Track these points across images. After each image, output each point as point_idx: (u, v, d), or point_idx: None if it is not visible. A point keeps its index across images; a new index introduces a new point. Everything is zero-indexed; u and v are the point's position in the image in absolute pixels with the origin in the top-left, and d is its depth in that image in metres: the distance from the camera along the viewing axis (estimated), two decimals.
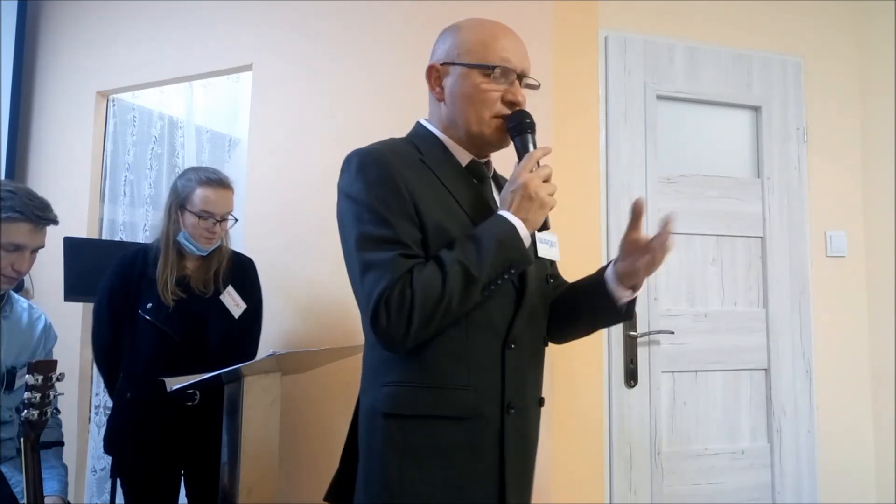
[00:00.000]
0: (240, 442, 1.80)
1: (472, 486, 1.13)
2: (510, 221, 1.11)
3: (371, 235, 1.09)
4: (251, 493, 1.80)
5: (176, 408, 2.00)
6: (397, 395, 1.13)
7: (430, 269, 1.07)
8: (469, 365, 1.14)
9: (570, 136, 2.14)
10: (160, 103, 3.26)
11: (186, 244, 2.09)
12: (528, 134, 1.19)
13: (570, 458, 2.04)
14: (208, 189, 2.07)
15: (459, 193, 1.19)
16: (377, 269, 1.06)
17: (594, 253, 2.18)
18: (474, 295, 1.08)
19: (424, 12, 2.32)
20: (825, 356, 2.40)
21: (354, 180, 1.13)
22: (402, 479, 1.11)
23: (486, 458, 1.15)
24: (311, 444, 2.38)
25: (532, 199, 1.12)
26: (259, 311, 2.25)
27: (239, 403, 1.82)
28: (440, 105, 1.25)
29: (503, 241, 1.09)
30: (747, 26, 2.45)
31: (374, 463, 1.14)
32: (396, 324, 1.04)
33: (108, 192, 3.14)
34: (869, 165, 2.54)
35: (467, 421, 1.13)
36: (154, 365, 2.00)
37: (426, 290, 1.04)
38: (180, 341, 2.04)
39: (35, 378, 1.42)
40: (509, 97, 1.20)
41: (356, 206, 1.11)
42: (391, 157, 1.14)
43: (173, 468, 2.10)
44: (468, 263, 1.07)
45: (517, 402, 1.18)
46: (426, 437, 1.12)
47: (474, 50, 1.21)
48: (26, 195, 1.57)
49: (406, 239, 1.09)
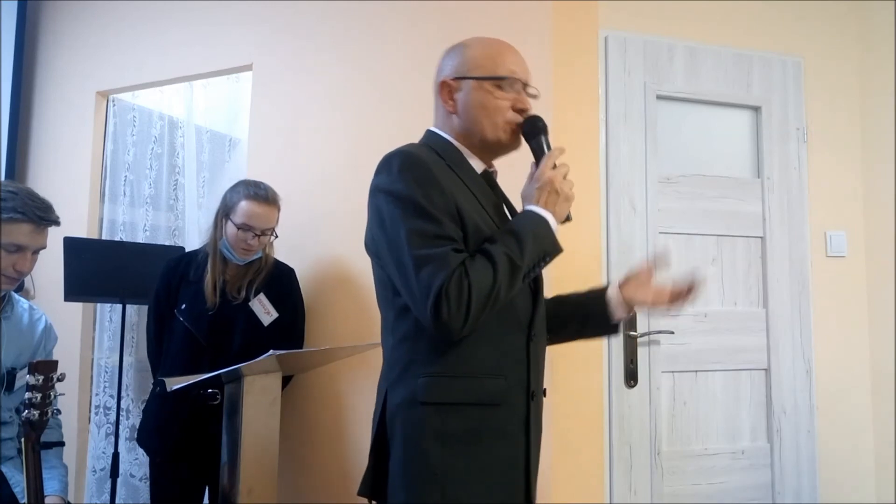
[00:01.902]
0: (240, 442, 1.80)
1: (504, 469, 1.22)
2: (541, 215, 1.23)
3: (422, 231, 1.15)
4: (251, 493, 1.80)
5: (199, 407, 2.03)
6: (437, 385, 1.19)
7: (480, 262, 1.15)
8: (500, 356, 1.23)
9: (570, 136, 2.14)
10: (160, 103, 3.25)
11: (226, 252, 2.17)
12: (542, 136, 1.30)
13: (570, 458, 2.04)
14: (253, 203, 2.14)
15: (482, 197, 1.28)
16: (433, 264, 1.12)
17: (594, 253, 2.18)
18: (518, 283, 1.18)
19: (424, 12, 2.32)
20: (825, 356, 2.40)
21: (398, 179, 1.18)
22: (442, 463, 1.17)
23: (516, 442, 1.24)
24: (311, 444, 2.38)
25: (558, 194, 1.25)
26: (296, 321, 2.28)
27: (239, 403, 1.82)
28: (452, 117, 1.33)
29: (538, 233, 1.21)
30: (747, 26, 2.45)
31: (413, 451, 1.19)
32: (457, 313, 1.11)
33: (108, 192, 3.14)
34: (869, 165, 2.54)
35: (500, 407, 1.22)
36: (180, 364, 2.10)
37: (482, 281, 1.12)
38: (205, 344, 2.11)
39: (36, 378, 1.42)
40: (519, 105, 1.31)
41: (403, 204, 1.17)
42: (428, 159, 1.22)
43: (199, 473, 2.12)
44: (512, 254, 1.16)
45: (537, 390, 1.29)
46: (463, 423, 1.19)
47: (484, 64, 1.31)
48: (28, 196, 1.57)
49: (455, 235, 1.17)
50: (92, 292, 2.67)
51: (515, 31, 2.17)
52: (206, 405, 2.02)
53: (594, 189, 2.20)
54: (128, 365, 2.93)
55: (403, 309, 1.21)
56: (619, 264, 2.21)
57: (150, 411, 2.25)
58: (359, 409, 2.28)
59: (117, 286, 2.61)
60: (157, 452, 2.19)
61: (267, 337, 2.14)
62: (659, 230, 2.28)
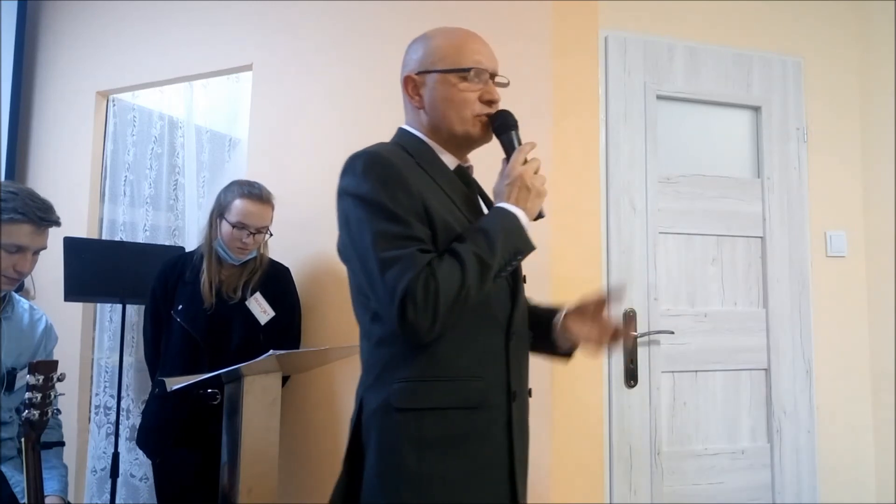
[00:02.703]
0: (240, 442, 1.80)
1: (486, 472, 1.18)
2: (512, 212, 1.18)
3: (387, 233, 1.11)
4: (251, 493, 1.80)
5: (199, 407, 2.04)
6: (411, 390, 1.16)
7: (448, 262, 1.11)
8: (477, 357, 1.19)
9: (570, 136, 2.14)
10: (160, 103, 3.25)
11: (221, 252, 2.17)
12: (512, 131, 1.26)
13: (570, 458, 2.04)
14: (247, 201, 2.14)
15: (454, 194, 1.24)
16: (399, 265, 1.09)
17: (594, 253, 2.18)
18: (488, 282, 1.14)
19: (424, 13, 2.32)
20: (825, 356, 2.40)
21: (362, 181, 1.15)
22: (420, 470, 1.14)
23: (498, 444, 1.20)
24: (311, 444, 2.38)
25: (529, 190, 1.20)
26: (293, 320, 2.28)
27: (239, 403, 1.82)
28: (420, 113, 1.30)
29: (509, 230, 1.16)
30: (747, 26, 2.45)
31: (390, 459, 1.15)
32: (424, 315, 1.08)
33: (108, 192, 3.14)
34: (869, 165, 2.54)
35: (479, 410, 1.18)
36: (179, 364, 2.11)
37: (448, 280, 1.09)
38: (202, 344, 2.12)
39: (36, 378, 1.43)
40: (487, 96, 1.27)
41: (368, 206, 1.14)
42: (395, 159, 1.19)
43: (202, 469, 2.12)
44: (482, 253, 1.12)
45: (519, 391, 1.25)
46: (441, 427, 1.16)
47: (447, 56, 1.27)
48: (28, 196, 1.57)
49: (422, 235, 1.13)
50: (92, 292, 2.67)
51: (515, 31, 2.17)
52: (206, 405, 2.03)
53: (594, 189, 2.20)
54: (128, 365, 2.93)
55: (377, 313, 1.18)
56: (619, 264, 2.21)
57: (149, 412, 2.26)
58: None
59: (117, 286, 2.61)
60: (156, 453, 2.20)
61: (264, 336, 2.15)
62: (659, 230, 2.28)
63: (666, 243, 2.29)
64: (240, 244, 2.14)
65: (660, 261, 2.27)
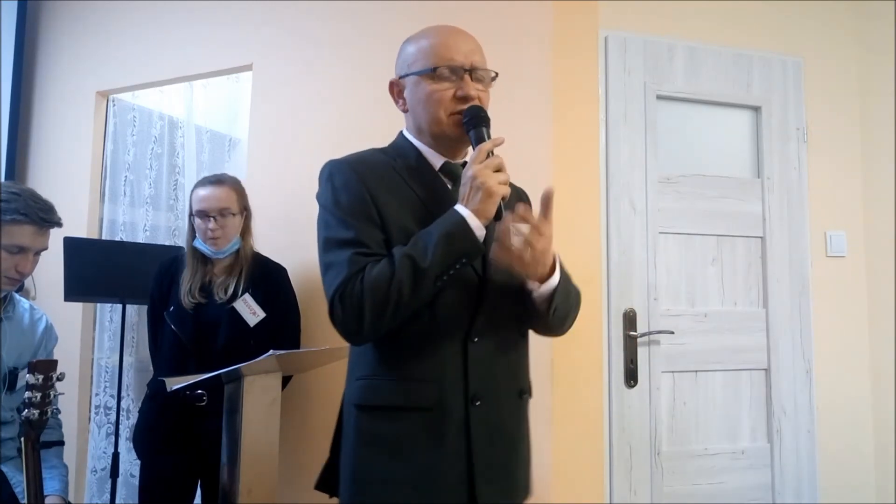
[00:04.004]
0: (240, 442, 1.80)
1: (436, 477, 1.18)
2: (459, 213, 1.15)
3: (334, 238, 1.18)
4: (251, 493, 1.80)
5: (188, 408, 2.04)
6: (367, 388, 1.22)
7: (381, 265, 1.13)
8: (431, 358, 1.19)
9: (570, 136, 2.14)
10: (160, 103, 3.26)
11: (200, 248, 2.17)
12: (482, 128, 1.22)
13: (570, 458, 2.04)
14: (200, 189, 2.18)
15: (429, 196, 1.25)
16: (334, 269, 1.15)
17: (594, 253, 2.18)
18: (426, 286, 1.12)
19: (425, 13, 2.32)
20: (825, 356, 2.40)
21: (323, 189, 1.23)
22: (367, 468, 1.19)
23: (451, 449, 1.18)
24: (311, 444, 2.38)
25: (479, 190, 1.14)
26: (288, 320, 2.25)
27: (239, 403, 1.82)
28: (407, 116, 1.34)
29: (452, 233, 1.13)
30: (747, 26, 2.45)
31: (346, 454, 1.23)
32: (351, 317, 1.12)
33: (108, 192, 3.14)
34: (869, 165, 2.54)
35: (431, 412, 1.18)
36: (169, 366, 2.12)
37: (375, 283, 1.11)
38: (190, 346, 2.11)
39: (36, 377, 1.43)
40: (459, 93, 1.25)
41: (324, 213, 1.22)
42: (358, 166, 1.24)
43: (189, 470, 2.12)
44: (415, 255, 1.12)
45: (484, 394, 1.21)
46: (391, 427, 1.18)
47: (420, 58, 1.28)
48: (30, 197, 1.57)
49: (366, 240, 1.17)
50: (92, 292, 2.67)
51: (515, 31, 2.17)
52: (193, 406, 2.03)
53: (594, 189, 2.20)
54: (128, 365, 2.93)
55: None
56: (620, 264, 2.21)
57: (141, 412, 2.26)
58: None
59: (117, 286, 2.61)
60: (143, 452, 2.18)
61: (254, 337, 2.12)
62: (659, 230, 2.28)
63: (666, 243, 2.29)
64: (209, 233, 2.13)
65: (660, 261, 2.27)
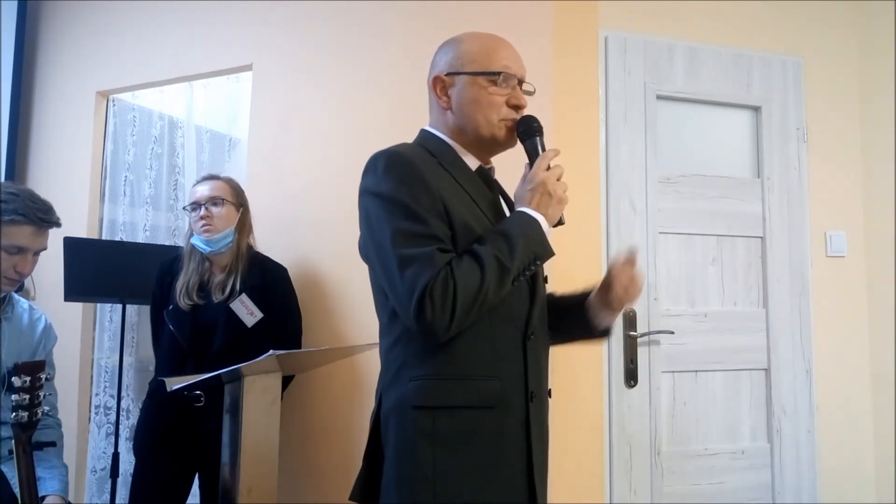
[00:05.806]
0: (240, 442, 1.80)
1: (501, 470, 1.19)
2: (533, 217, 1.20)
3: (407, 231, 1.13)
4: (251, 493, 1.80)
5: (186, 408, 2.03)
6: (427, 388, 1.18)
7: (468, 262, 1.12)
8: (495, 356, 1.20)
9: (570, 136, 2.14)
10: (160, 103, 3.25)
11: (195, 243, 2.17)
12: (537, 137, 1.28)
13: (570, 458, 2.04)
14: (196, 186, 2.23)
15: (476, 195, 1.26)
16: (418, 263, 1.10)
17: (594, 253, 2.18)
18: (506, 285, 1.15)
19: (424, 13, 2.32)
20: (825, 356, 2.40)
21: (383, 179, 1.17)
22: (435, 467, 1.15)
23: (514, 443, 1.21)
24: (311, 444, 2.38)
25: (551, 196, 1.21)
26: (288, 321, 2.24)
27: (239, 403, 1.82)
28: (446, 113, 1.31)
29: (529, 235, 1.17)
30: (747, 26, 2.45)
31: (404, 452, 1.17)
32: (441, 314, 1.09)
33: (108, 192, 3.13)
34: (869, 165, 2.54)
35: (495, 409, 1.19)
36: (168, 365, 2.12)
37: (468, 281, 1.10)
38: (185, 346, 2.11)
39: (22, 380, 1.42)
40: (514, 101, 1.29)
41: (388, 204, 1.15)
42: (415, 158, 1.20)
43: (184, 470, 2.12)
44: (501, 256, 1.13)
45: (537, 390, 1.25)
46: (456, 425, 1.16)
47: (478, 59, 1.28)
48: (29, 197, 1.57)
49: (441, 235, 1.14)
50: (92, 292, 2.66)
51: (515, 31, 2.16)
52: (192, 406, 2.02)
53: (594, 189, 2.20)
54: (128, 365, 2.93)
55: (395, 311, 1.19)
56: None
57: (141, 411, 2.27)
58: (358, 409, 2.28)
59: (117, 286, 2.61)
60: (139, 450, 2.18)
61: (252, 338, 2.11)
62: (659, 230, 2.28)
63: (666, 243, 2.29)
64: (201, 224, 2.14)
65: (660, 261, 2.27)
